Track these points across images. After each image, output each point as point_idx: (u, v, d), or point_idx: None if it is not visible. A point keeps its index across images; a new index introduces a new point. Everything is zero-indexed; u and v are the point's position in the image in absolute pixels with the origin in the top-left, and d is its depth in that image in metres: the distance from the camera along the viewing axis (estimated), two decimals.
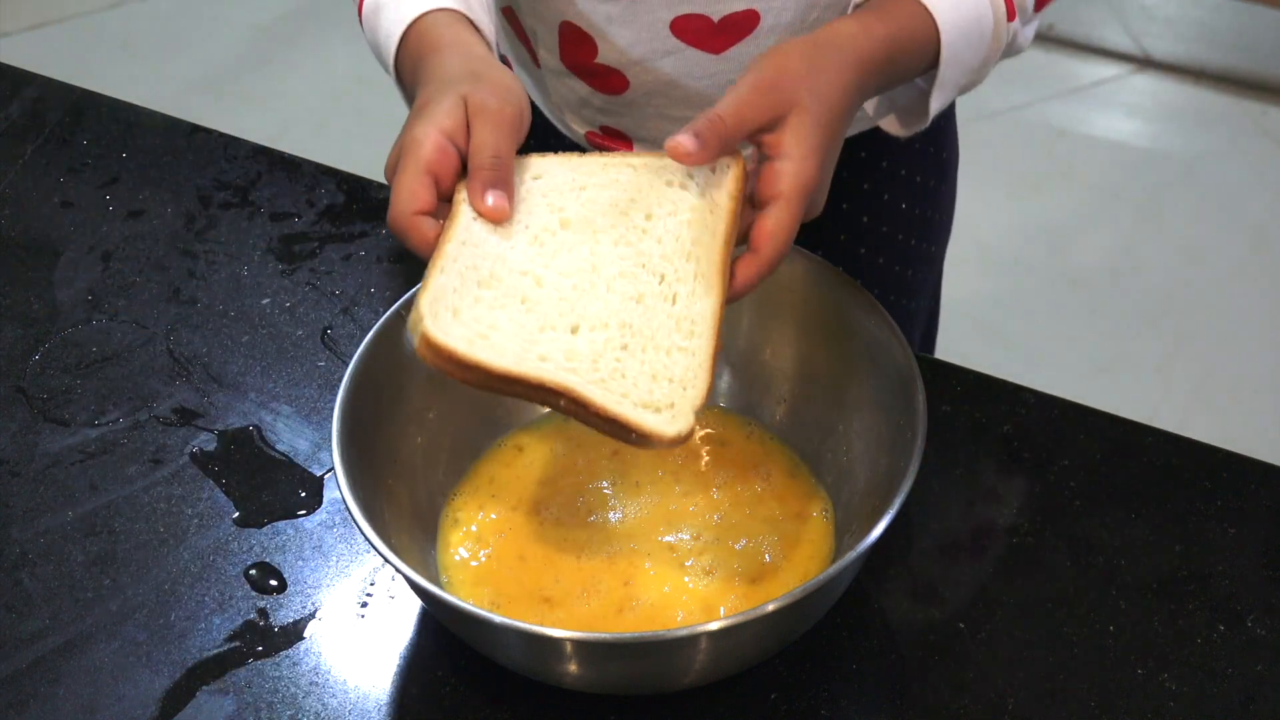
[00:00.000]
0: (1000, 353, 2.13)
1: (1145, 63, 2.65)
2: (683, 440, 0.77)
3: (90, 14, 2.81)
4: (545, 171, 0.85)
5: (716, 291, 0.81)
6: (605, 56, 1.03)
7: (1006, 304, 2.23)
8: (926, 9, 0.87)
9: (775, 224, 0.80)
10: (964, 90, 0.93)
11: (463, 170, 0.82)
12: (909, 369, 0.85)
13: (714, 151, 0.81)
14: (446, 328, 0.77)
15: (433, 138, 0.80)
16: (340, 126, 2.52)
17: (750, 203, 0.83)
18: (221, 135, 1.24)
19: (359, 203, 1.18)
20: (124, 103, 1.28)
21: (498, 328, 0.78)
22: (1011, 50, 0.94)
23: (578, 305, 0.80)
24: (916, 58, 0.88)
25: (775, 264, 0.80)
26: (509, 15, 1.09)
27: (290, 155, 1.22)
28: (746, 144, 0.83)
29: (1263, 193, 2.41)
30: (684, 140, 0.80)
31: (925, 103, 0.92)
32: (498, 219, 0.80)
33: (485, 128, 0.80)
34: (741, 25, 0.99)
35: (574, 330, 0.79)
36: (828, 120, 0.82)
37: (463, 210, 0.81)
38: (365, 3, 0.92)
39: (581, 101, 1.08)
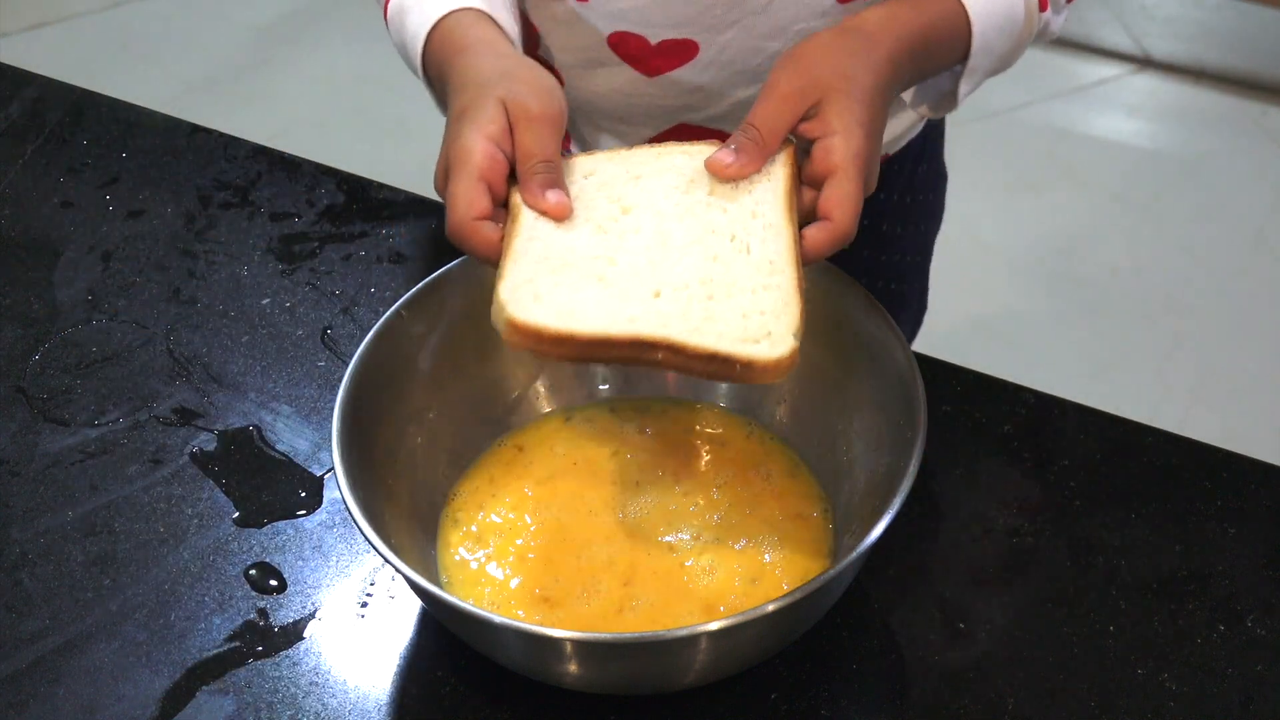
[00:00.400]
0: (1000, 353, 2.13)
1: (1145, 63, 2.65)
2: (785, 366, 0.78)
3: (90, 14, 2.81)
4: (596, 168, 0.86)
5: (789, 234, 0.82)
6: (544, 52, 1.03)
7: (1006, 304, 2.23)
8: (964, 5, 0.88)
9: (840, 193, 0.80)
10: (993, 74, 0.94)
11: (512, 174, 0.83)
12: (909, 369, 0.85)
13: (755, 161, 0.82)
14: (530, 309, 0.78)
15: (481, 146, 0.81)
16: (340, 126, 2.52)
17: (808, 185, 0.83)
18: (221, 135, 1.24)
19: (359, 203, 1.18)
20: (124, 103, 1.28)
21: (582, 303, 0.79)
22: (1043, 37, 0.95)
23: (656, 274, 0.81)
24: (948, 45, 0.89)
25: (848, 231, 0.81)
26: None
27: (290, 155, 1.22)
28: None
29: (1263, 193, 2.41)
30: (722, 156, 0.82)
31: (955, 86, 0.93)
32: (561, 216, 0.81)
33: (530, 132, 0.81)
34: (678, 52, 0.99)
35: (657, 294, 0.80)
36: (865, 98, 0.82)
37: (523, 211, 0.82)
38: (390, 4, 0.92)
39: None
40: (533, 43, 1.04)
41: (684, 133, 1.04)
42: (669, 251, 0.82)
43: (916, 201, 1.20)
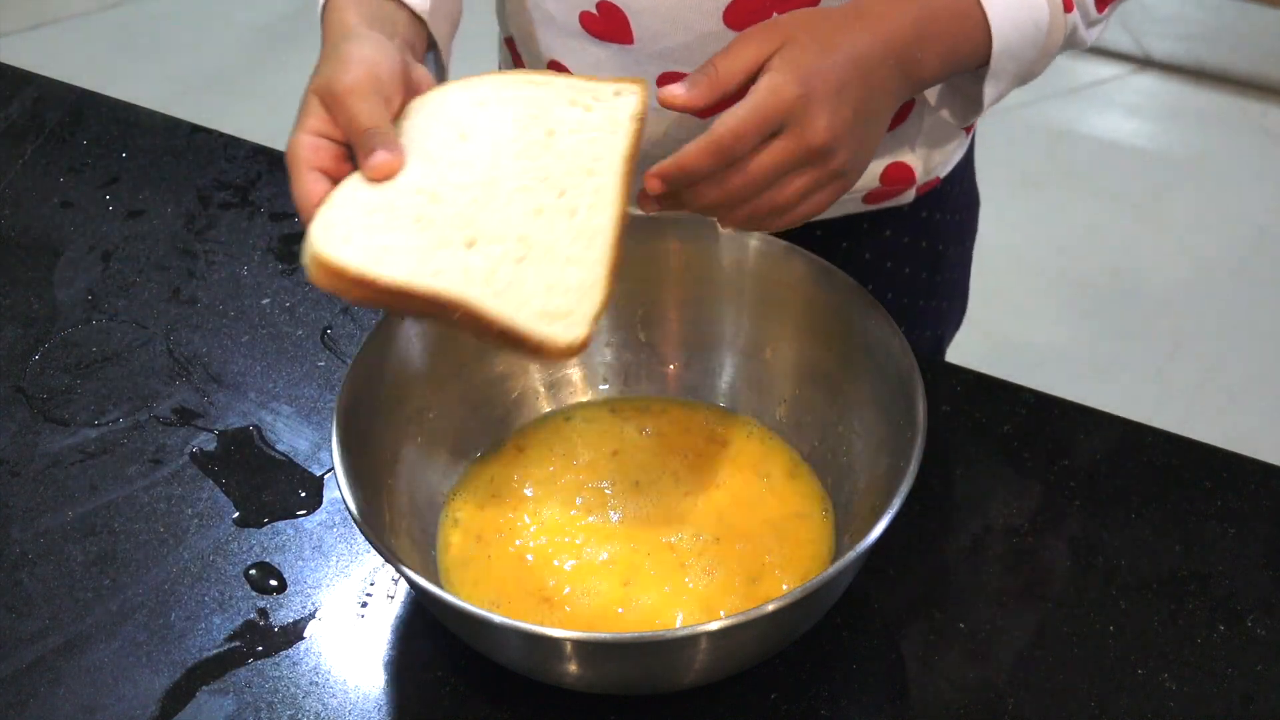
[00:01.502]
0: (1000, 353, 2.13)
1: (1145, 63, 2.65)
2: (576, 351, 0.76)
3: (90, 14, 2.81)
4: (447, 97, 0.84)
5: (617, 206, 0.80)
6: None
7: (1006, 304, 2.23)
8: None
9: (730, 111, 0.78)
10: (1022, 82, 0.91)
11: (350, 156, 0.81)
12: (909, 369, 0.85)
13: (705, 95, 0.80)
14: (338, 248, 0.76)
15: (304, 141, 0.80)
16: None
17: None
18: (221, 135, 1.24)
19: None
20: (124, 103, 1.28)
21: (392, 247, 0.77)
22: (1075, 44, 0.92)
23: (475, 219, 0.79)
24: (958, 35, 0.85)
25: (722, 145, 0.78)
26: (511, 46, 1.09)
27: None
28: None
29: (1263, 193, 2.41)
30: (674, 88, 0.80)
31: (979, 91, 0.90)
32: (388, 173, 0.79)
33: (341, 111, 0.80)
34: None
35: (470, 245, 0.78)
36: (824, 52, 0.80)
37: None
38: None
39: None
40: None
41: None
42: (496, 192, 0.80)
43: (963, 220, 1.20)
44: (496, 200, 0.79)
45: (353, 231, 0.77)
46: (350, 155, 0.81)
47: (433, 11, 0.89)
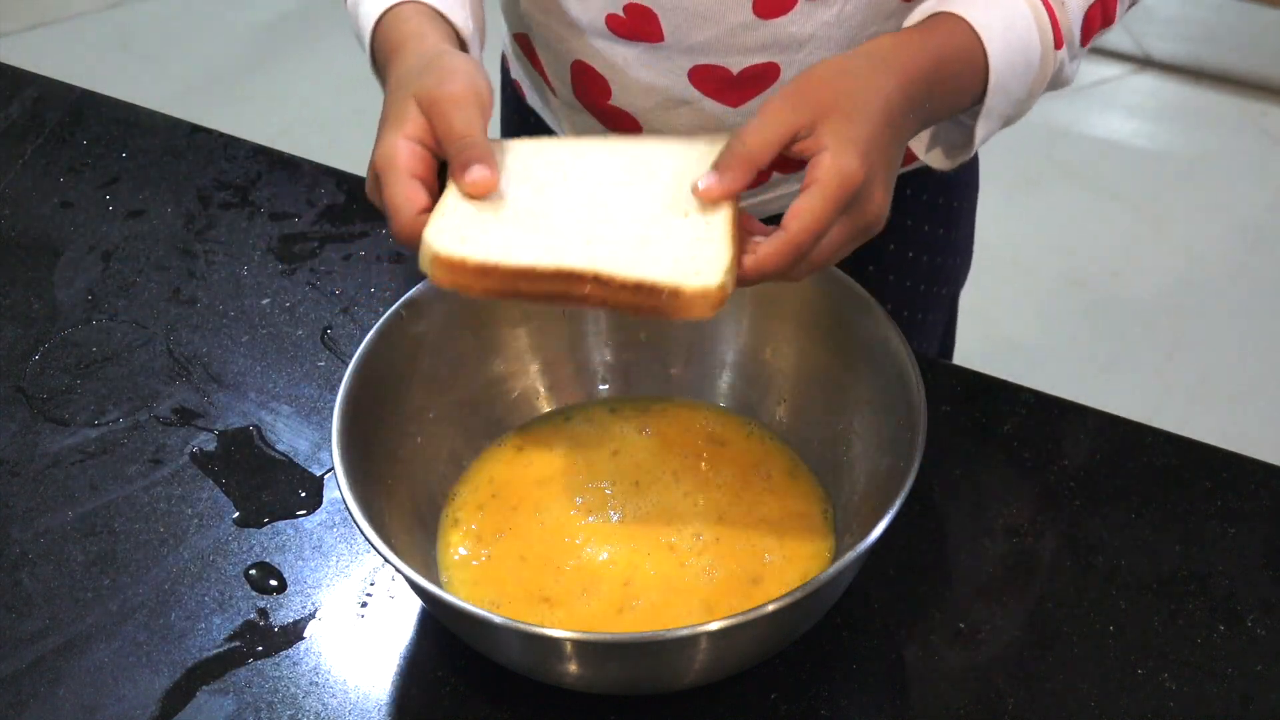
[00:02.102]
0: (1000, 353, 2.13)
1: (1145, 63, 2.65)
2: (715, 299, 0.75)
3: (90, 14, 2.81)
4: (543, 149, 0.84)
5: (728, 209, 0.79)
6: (619, 99, 1.02)
7: (1006, 304, 2.23)
8: (971, 26, 0.84)
9: (803, 205, 0.76)
10: (1009, 121, 0.90)
11: (442, 168, 0.81)
12: (909, 369, 0.85)
13: (741, 179, 0.78)
14: (455, 246, 0.76)
15: (402, 146, 0.79)
16: (340, 126, 2.52)
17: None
18: (221, 135, 1.24)
19: (359, 203, 1.18)
20: (124, 103, 1.28)
21: (511, 239, 0.78)
22: (1058, 82, 0.91)
23: (590, 224, 0.79)
24: (965, 76, 0.85)
25: (798, 245, 0.77)
26: (523, 42, 1.08)
27: (290, 155, 1.22)
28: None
29: (1263, 193, 2.41)
30: (707, 182, 0.78)
31: (971, 133, 0.89)
32: (485, 190, 0.79)
33: (442, 119, 0.79)
34: (761, 78, 0.97)
35: (588, 241, 0.78)
36: (867, 119, 0.79)
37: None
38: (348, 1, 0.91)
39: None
40: (603, 95, 1.02)
41: None
42: (606, 208, 0.80)
43: (970, 171, 1.19)
44: (607, 211, 0.80)
45: (468, 232, 0.77)
46: (442, 167, 0.81)
47: (473, 33, 0.90)
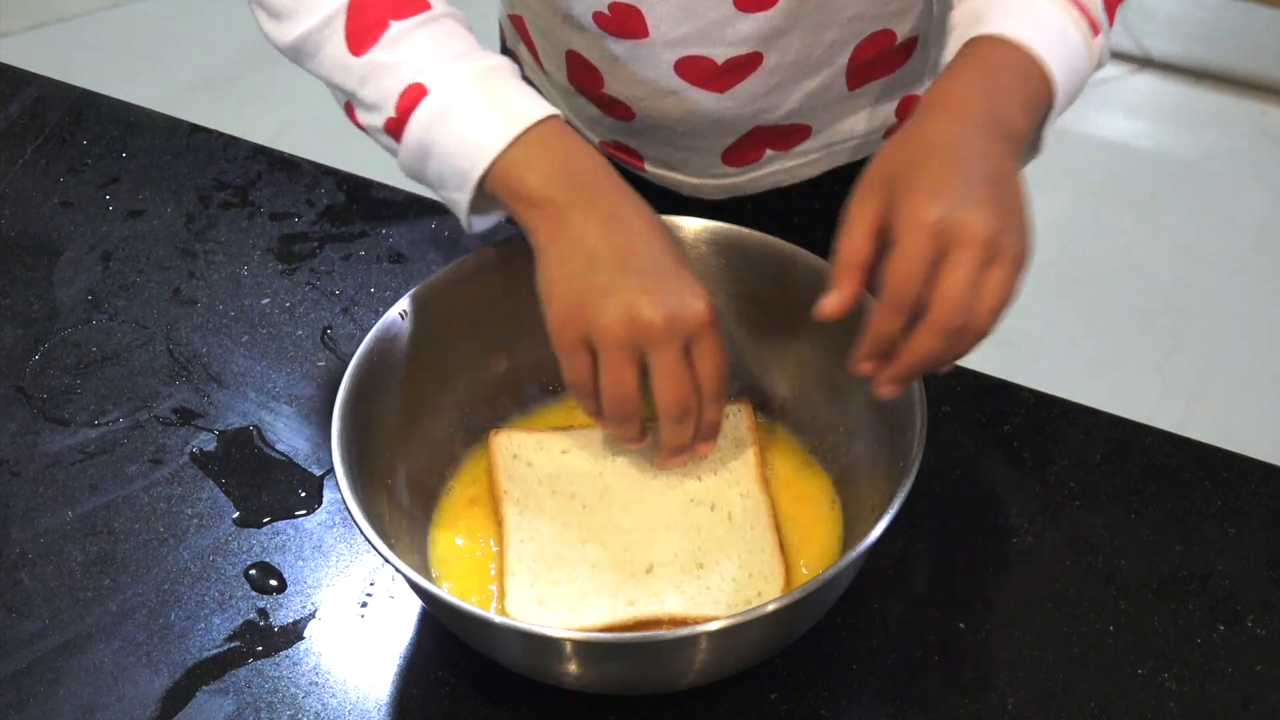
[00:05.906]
0: (1000, 353, 2.12)
1: (1145, 63, 2.65)
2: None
3: (90, 14, 2.81)
4: (571, 447, 0.92)
5: (765, 501, 0.89)
6: (611, 89, 1.03)
7: None
8: (1021, 46, 0.83)
9: (889, 265, 0.77)
10: (1060, 113, 0.89)
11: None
12: None
13: (853, 285, 0.79)
14: (538, 616, 0.83)
15: (715, 319, 0.83)
16: (340, 126, 2.50)
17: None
18: (221, 135, 1.24)
19: (359, 203, 1.18)
20: (124, 103, 1.28)
21: (584, 595, 0.85)
22: (1100, 64, 0.90)
23: (645, 550, 0.87)
24: (1028, 84, 0.84)
25: (900, 300, 0.77)
26: (518, 24, 1.09)
27: (290, 155, 1.22)
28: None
29: (1263, 193, 2.41)
30: (825, 301, 0.80)
31: (1039, 137, 0.87)
32: (636, 445, 0.88)
33: (707, 340, 0.83)
34: (745, 66, 0.99)
35: (649, 570, 0.86)
36: (925, 159, 0.78)
37: (506, 510, 0.89)
38: (410, 135, 0.88)
39: (592, 119, 1.09)
40: (595, 84, 1.04)
41: (759, 136, 1.05)
42: (655, 526, 0.88)
43: None
44: (658, 529, 0.88)
45: (542, 594, 0.85)
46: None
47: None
